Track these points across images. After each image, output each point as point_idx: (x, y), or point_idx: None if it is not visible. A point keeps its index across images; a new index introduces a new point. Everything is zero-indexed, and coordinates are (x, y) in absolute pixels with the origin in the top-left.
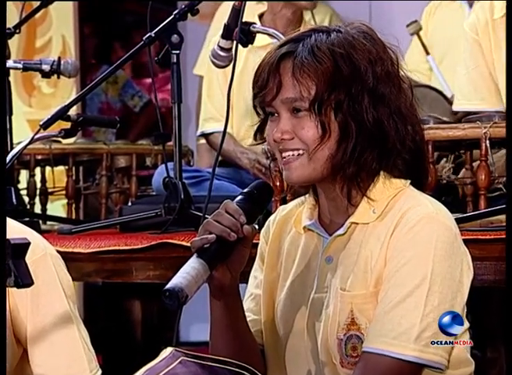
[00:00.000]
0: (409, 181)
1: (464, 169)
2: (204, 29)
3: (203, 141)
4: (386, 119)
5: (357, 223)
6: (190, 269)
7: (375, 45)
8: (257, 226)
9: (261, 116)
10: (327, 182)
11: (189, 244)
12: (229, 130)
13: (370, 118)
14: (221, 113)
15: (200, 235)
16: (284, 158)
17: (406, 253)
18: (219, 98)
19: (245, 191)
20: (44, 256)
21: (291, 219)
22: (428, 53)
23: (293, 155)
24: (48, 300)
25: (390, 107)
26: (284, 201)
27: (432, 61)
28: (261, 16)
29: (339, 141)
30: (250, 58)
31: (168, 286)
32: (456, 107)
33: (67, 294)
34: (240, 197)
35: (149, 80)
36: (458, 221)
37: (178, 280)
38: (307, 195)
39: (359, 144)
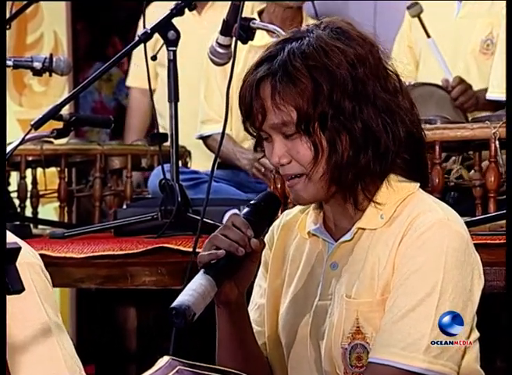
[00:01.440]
0: (418, 185)
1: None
2: None
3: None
4: (375, 121)
5: (364, 229)
6: (197, 285)
7: (351, 43)
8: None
9: (255, 135)
10: (333, 194)
11: (186, 249)
12: (228, 131)
13: (358, 124)
14: (219, 114)
15: (206, 250)
16: (287, 180)
17: (415, 260)
18: (217, 99)
19: (251, 202)
20: (19, 266)
21: (296, 224)
22: (428, 36)
23: (293, 177)
24: (24, 311)
25: (377, 105)
26: (285, 206)
27: (433, 44)
28: (260, 14)
29: (329, 155)
30: (249, 59)
31: (174, 304)
32: (489, 96)
33: (45, 303)
34: (246, 209)
35: None
36: (466, 225)
37: (185, 297)
38: None
39: (349, 152)
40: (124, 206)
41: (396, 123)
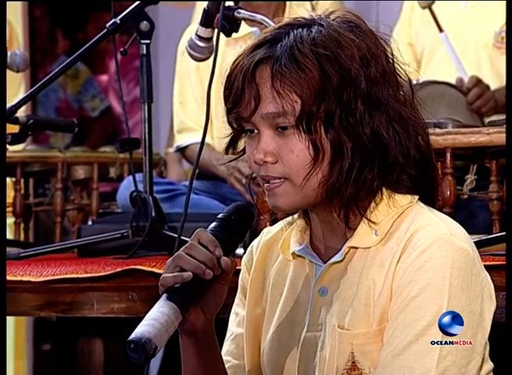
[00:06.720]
0: (417, 197)
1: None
2: (180, 15)
3: (170, 149)
4: (385, 128)
5: (356, 248)
6: (159, 314)
7: (365, 39)
8: (241, 252)
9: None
10: (321, 206)
11: (161, 271)
12: (209, 140)
13: (366, 130)
14: (195, 122)
15: (169, 271)
16: (266, 182)
17: (415, 284)
18: (192, 105)
19: (220, 216)
20: None
21: (278, 243)
22: (441, 30)
23: (273, 180)
24: None
25: (388, 112)
26: (275, 221)
27: (446, 39)
28: (236, 3)
29: (332, 161)
30: (228, 53)
31: (132, 336)
32: None
33: None
34: (214, 224)
35: (104, 78)
36: (481, 244)
37: (145, 328)
38: (296, 215)
39: (356, 162)
40: (89, 222)
41: (408, 135)
